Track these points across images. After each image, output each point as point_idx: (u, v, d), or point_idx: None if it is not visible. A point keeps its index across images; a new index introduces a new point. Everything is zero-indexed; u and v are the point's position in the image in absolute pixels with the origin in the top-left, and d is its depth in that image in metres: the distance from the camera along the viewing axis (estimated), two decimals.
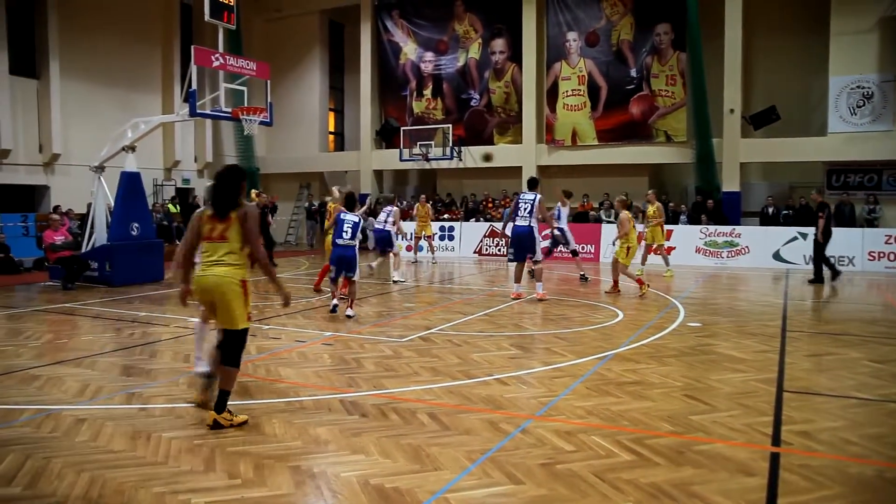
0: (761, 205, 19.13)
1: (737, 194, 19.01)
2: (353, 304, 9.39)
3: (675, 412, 5.16)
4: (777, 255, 16.60)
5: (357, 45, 24.72)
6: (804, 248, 16.53)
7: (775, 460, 4.21)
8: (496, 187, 22.43)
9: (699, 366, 6.65)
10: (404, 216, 18.73)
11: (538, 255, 11.09)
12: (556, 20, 21.28)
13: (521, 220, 10.99)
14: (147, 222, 14.25)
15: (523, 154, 21.64)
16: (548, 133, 21.58)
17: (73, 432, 4.72)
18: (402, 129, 23.39)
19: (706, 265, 16.91)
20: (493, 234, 19.78)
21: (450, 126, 22.69)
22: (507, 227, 11.39)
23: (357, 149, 24.95)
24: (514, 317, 9.67)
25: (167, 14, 22.27)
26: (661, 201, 19.50)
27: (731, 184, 19.03)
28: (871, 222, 17.50)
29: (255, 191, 22.05)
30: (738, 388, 5.84)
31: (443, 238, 19.83)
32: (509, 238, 11.52)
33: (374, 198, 23.65)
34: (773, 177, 20.25)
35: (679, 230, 17.70)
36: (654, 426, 4.84)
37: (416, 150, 22.68)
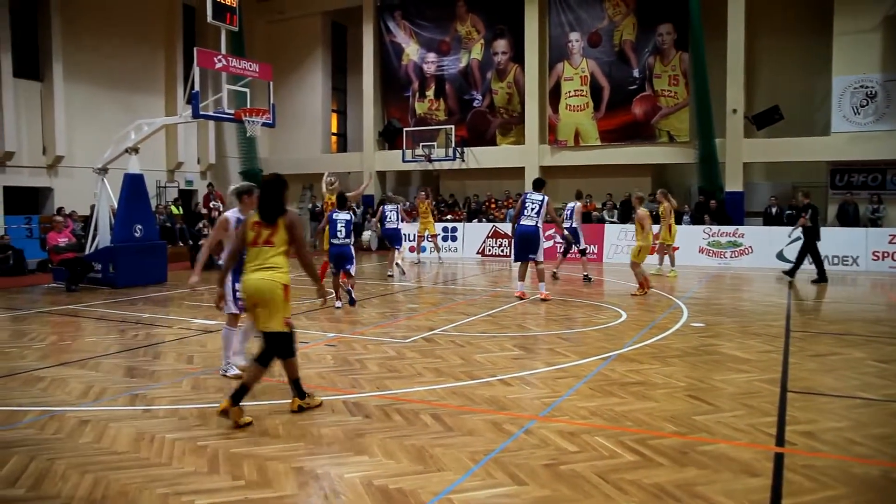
0: (764, 205, 19.09)
1: (740, 194, 18.99)
2: (353, 286, 10.35)
3: (679, 413, 5.15)
4: (780, 256, 16.55)
5: (359, 47, 24.74)
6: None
7: (779, 461, 4.20)
8: (499, 188, 22.43)
9: (703, 366, 6.64)
10: (407, 216, 18.82)
11: (540, 255, 11.08)
12: (559, 20, 21.27)
13: (528, 220, 10.95)
14: (150, 224, 14.28)
15: (526, 155, 21.63)
16: (550, 134, 21.57)
17: (77, 434, 4.73)
18: (405, 130, 23.40)
19: (709, 265, 16.88)
20: (497, 235, 19.76)
21: (452, 127, 22.69)
22: (512, 228, 11.39)
23: (360, 150, 24.97)
24: (518, 317, 9.66)
25: (170, 16, 22.30)
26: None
27: (734, 184, 19.01)
28: (874, 222, 17.47)
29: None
30: (741, 388, 5.82)
31: (446, 239, 19.81)
32: (504, 236, 11.53)
33: (379, 199, 23.68)
34: (777, 177, 20.21)
35: (682, 230, 17.62)
36: (657, 427, 4.83)
37: (419, 151, 22.69)
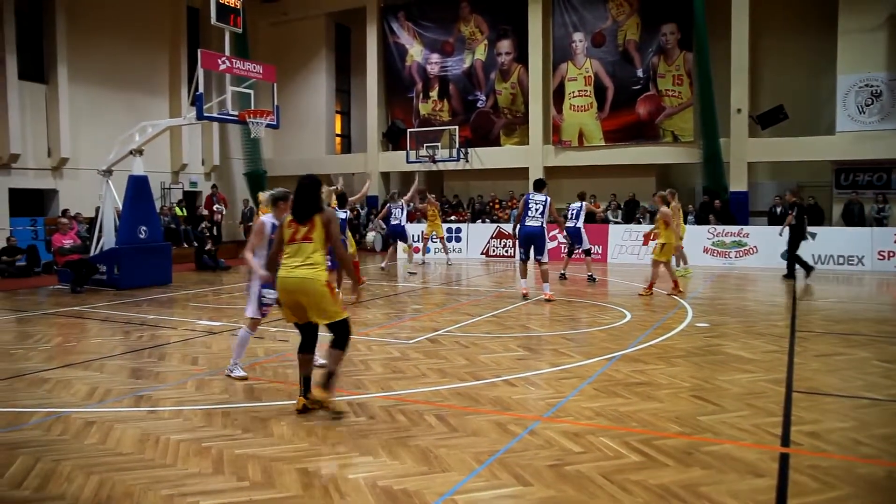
0: (769, 204, 19.04)
1: (744, 194, 18.95)
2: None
3: (684, 413, 5.14)
4: (785, 255, 16.49)
5: (363, 48, 24.75)
6: (813, 247, 16.46)
7: (784, 461, 4.19)
8: (503, 189, 22.42)
9: (707, 366, 6.62)
10: (411, 217, 18.89)
11: (545, 256, 11.14)
12: (562, 21, 21.25)
13: (533, 221, 11.01)
14: (155, 225, 14.30)
15: (530, 155, 21.62)
16: (554, 134, 21.55)
17: (83, 435, 4.74)
18: (409, 130, 23.41)
19: (714, 265, 16.85)
20: (501, 236, 19.78)
21: (456, 127, 22.69)
22: (515, 228, 11.42)
23: (364, 151, 24.99)
24: (522, 318, 9.66)
25: (174, 18, 22.34)
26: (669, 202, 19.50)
27: (738, 184, 18.96)
28: (880, 221, 17.40)
29: (261, 193, 22.18)
30: (746, 388, 5.81)
31: (450, 239, 19.80)
32: (516, 238, 11.53)
33: (383, 200, 23.69)
34: (781, 176, 20.16)
35: (687, 230, 17.60)
36: (662, 427, 4.83)
37: (423, 152, 22.69)
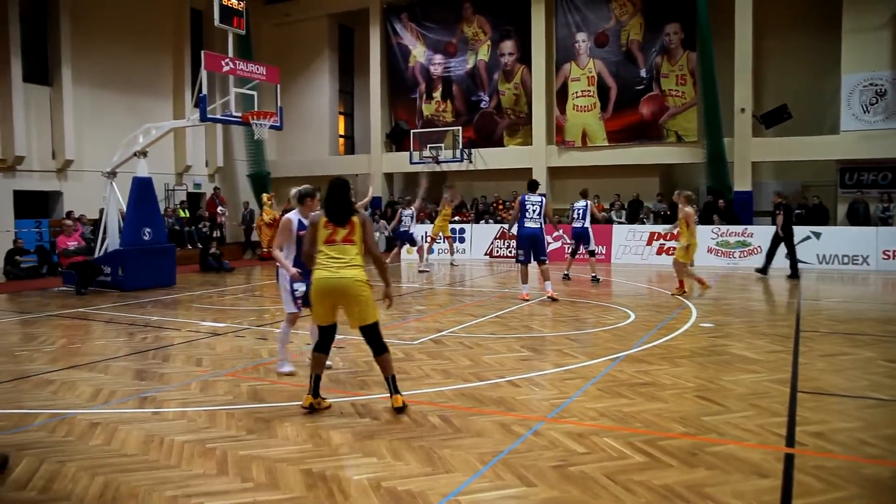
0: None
1: (748, 194, 18.90)
2: None
3: (688, 413, 5.13)
4: (787, 256, 16.45)
5: (366, 49, 24.76)
6: (817, 247, 16.47)
7: (789, 461, 4.18)
8: (506, 189, 22.39)
9: (712, 367, 6.61)
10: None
11: (546, 255, 11.25)
12: (565, 21, 21.23)
13: (532, 222, 11.05)
14: (159, 227, 14.34)
15: (533, 156, 21.60)
16: (558, 134, 21.53)
17: (87, 436, 4.75)
18: (412, 131, 23.40)
19: (718, 265, 16.81)
20: (504, 236, 19.78)
21: (459, 128, 22.68)
22: (512, 228, 11.48)
23: (367, 152, 24.99)
24: (526, 319, 9.65)
25: (177, 20, 22.39)
26: (672, 202, 19.50)
27: (742, 183, 18.92)
28: (885, 221, 17.34)
29: (265, 195, 22.24)
30: (751, 388, 5.80)
31: (454, 240, 19.82)
32: (515, 238, 11.57)
33: (386, 202, 23.73)
34: (786, 176, 20.10)
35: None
36: (666, 427, 4.82)
37: (427, 153, 22.69)
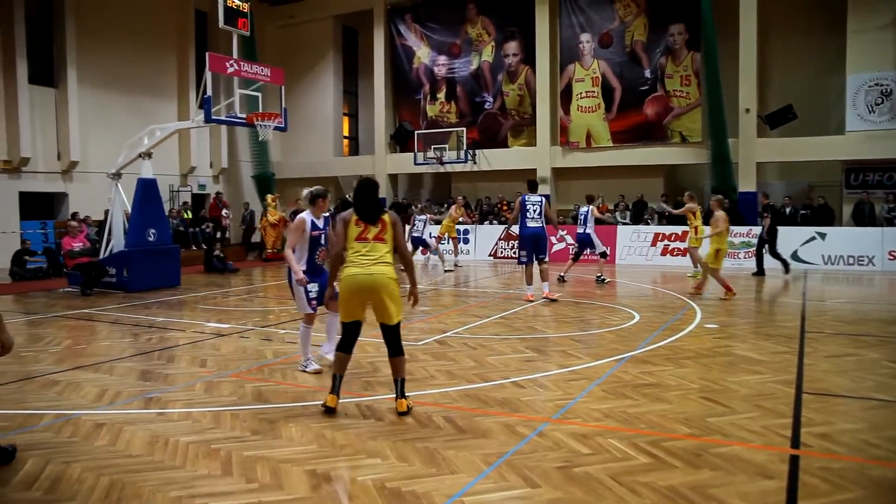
0: (779, 205, 18.95)
1: (753, 194, 18.84)
2: None
3: (693, 414, 5.12)
4: (795, 256, 16.43)
5: (370, 50, 24.80)
6: (822, 248, 16.45)
7: (794, 463, 4.16)
8: (511, 190, 22.37)
9: (716, 367, 6.60)
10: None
11: (546, 255, 11.34)
12: (569, 22, 21.22)
13: (534, 222, 11.08)
14: (164, 228, 14.37)
15: (537, 156, 21.60)
16: (562, 135, 21.52)
17: (93, 437, 4.76)
18: (417, 132, 23.42)
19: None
20: (509, 237, 19.79)
21: (464, 129, 22.70)
22: (513, 228, 11.56)
23: (372, 153, 25.02)
24: (530, 319, 9.64)
25: (182, 22, 22.47)
26: (678, 203, 19.47)
27: (747, 184, 18.88)
28: (890, 221, 17.28)
29: (270, 195, 22.28)
30: (755, 389, 5.78)
31: (459, 241, 19.82)
32: (515, 238, 11.63)
33: (390, 203, 23.73)
34: (791, 176, 20.06)
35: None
36: (671, 428, 4.81)
37: (431, 154, 22.71)
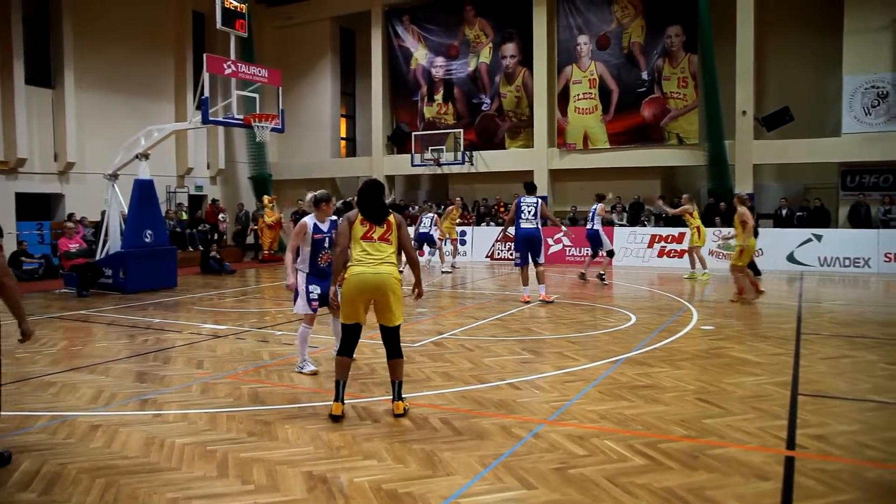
0: (775, 206, 19.00)
1: (750, 196, 18.88)
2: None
3: (689, 416, 5.13)
4: (791, 257, 16.48)
5: (368, 51, 24.78)
6: (819, 249, 16.48)
7: (790, 464, 4.17)
8: (508, 191, 22.36)
9: (712, 369, 6.61)
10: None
11: (542, 257, 11.21)
12: (567, 24, 21.24)
13: (528, 223, 11.06)
14: (160, 229, 14.35)
15: (535, 158, 21.61)
16: (559, 137, 21.53)
17: (88, 438, 4.76)
18: (414, 134, 23.40)
19: (719, 268, 16.74)
20: (506, 239, 19.82)
21: (461, 131, 22.68)
22: (508, 229, 11.51)
23: (369, 154, 25.00)
24: (527, 321, 9.65)
25: (180, 23, 22.43)
26: (674, 204, 19.52)
27: (744, 186, 18.88)
28: (886, 223, 17.31)
29: (266, 196, 22.26)
30: (751, 391, 5.79)
31: (457, 242, 19.82)
32: (512, 239, 11.58)
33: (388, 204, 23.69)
34: (787, 178, 20.09)
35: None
36: (667, 430, 4.81)
37: (428, 156, 22.69)
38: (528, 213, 11.07)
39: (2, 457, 4.27)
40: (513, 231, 11.58)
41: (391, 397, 5.29)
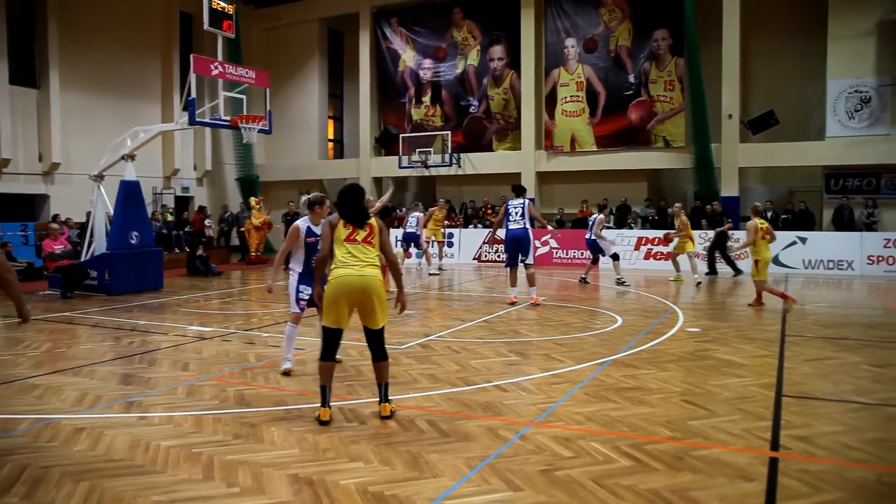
0: (761, 208, 19.12)
1: (735, 199, 19.01)
2: None
3: (674, 417, 5.16)
4: (776, 260, 16.60)
5: (356, 53, 24.75)
6: (803, 252, 16.65)
7: (774, 465, 4.21)
8: (495, 194, 22.42)
9: (698, 371, 6.65)
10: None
11: (530, 258, 11.17)
12: (555, 27, 21.32)
13: (516, 224, 11.06)
14: (146, 231, 14.26)
15: (522, 160, 21.65)
16: (546, 139, 21.59)
17: (72, 441, 4.72)
18: (401, 136, 23.39)
19: (705, 270, 16.87)
20: (493, 241, 19.85)
21: (449, 133, 22.69)
22: (497, 232, 11.49)
23: (356, 156, 24.96)
24: (513, 323, 9.67)
25: (167, 23, 22.31)
26: (660, 207, 19.64)
27: (729, 188, 19.03)
28: (869, 226, 17.51)
29: (254, 198, 22.18)
30: (736, 393, 5.83)
31: (443, 245, 19.83)
32: (502, 241, 11.57)
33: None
34: (772, 181, 20.25)
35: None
36: (652, 432, 4.84)
37: (416, 157, 22.68)
38: (516, 214, 11.09)
39: None
40: (502, 234, 11.57)
41: (378, 399, 5.28)
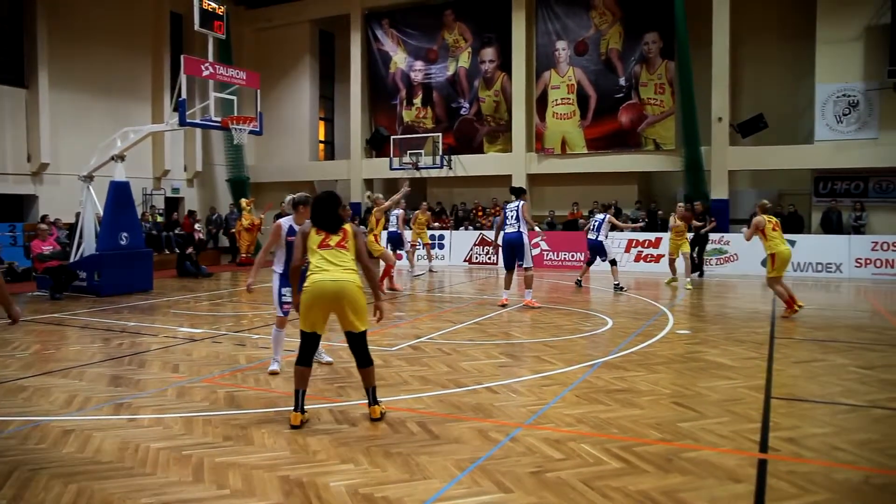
0: (749, 212, 19.22)
1: (725, 202, 19.12)
2: None
3: (664, 419, 5.18)
4: (765, 263, 16.63)
5: (347, 55, 24.74)
6: (793, 255, 16.65)
7: (763, 467, 4.23)
8: (486, 196, 22.47)
9: (688, 373, 6.67)
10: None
11: (527, 261, 11.16)
12: (546, 29, 21.38)
13: (510, 228, 11.11)
14: (136, 232, 14.20)
15: (513, 162, 21.69)
16: (537, 141, 21.64)
17: (61, 443, 4.69)
18: (392, 137, 23.38)
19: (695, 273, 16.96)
20: (484, 243, 19.86)
21: (440, 135, 22.70)
22: (498, 238, 11.46)
23: (347, 157, 24.94)
24: (504, 325, 9.68)
25: (157, 24, 22.23)
26: (650, 210, 19.68)
27: (719, 191, 19.14)
28: (857, 229, 17.64)
29: (244, 199, 22.12)
30: (726, 395, 5.86)
31: (433, 247, 19.84)
32: (500, 246, 11.56)
33: (365, 208, 23.65)
34: (762, 184, 20.38)
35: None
36: (642, 433, 4.86)
37: (407, 159, 22.68)
38: (511, 217, 11.13)
39: None
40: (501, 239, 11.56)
41: (367, 401, 5.28)
